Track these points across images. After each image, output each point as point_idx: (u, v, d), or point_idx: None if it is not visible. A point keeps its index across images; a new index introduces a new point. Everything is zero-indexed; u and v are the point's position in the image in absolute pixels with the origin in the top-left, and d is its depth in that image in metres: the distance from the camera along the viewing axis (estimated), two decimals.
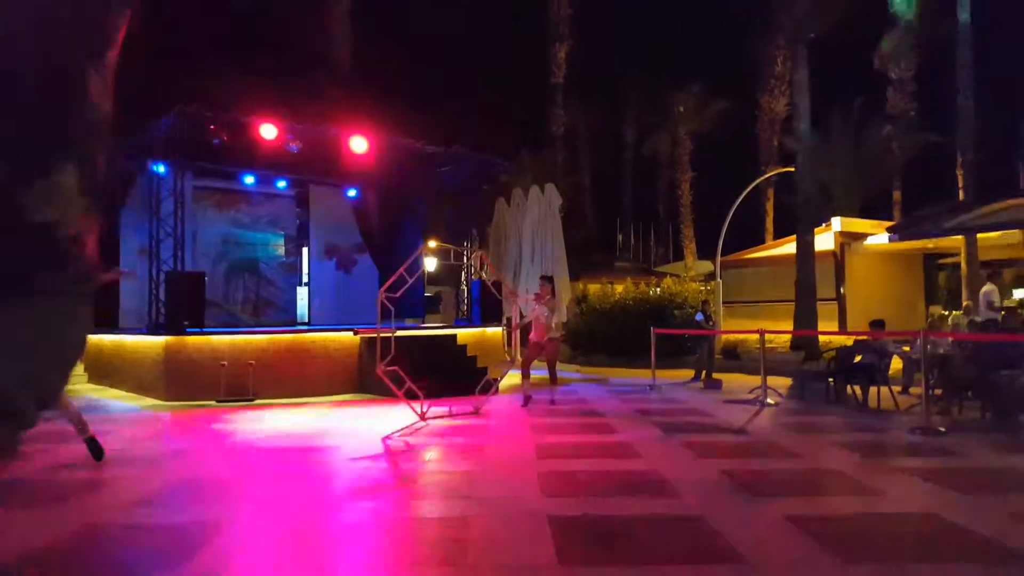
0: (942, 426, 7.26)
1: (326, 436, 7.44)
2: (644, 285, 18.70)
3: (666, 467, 5.56)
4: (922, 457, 6.06)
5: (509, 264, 14.54)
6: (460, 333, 12.55)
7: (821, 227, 19.50)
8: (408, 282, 9.62)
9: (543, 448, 6.52)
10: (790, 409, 9.12)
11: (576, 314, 17.57)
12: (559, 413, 8.87)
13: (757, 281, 21.66)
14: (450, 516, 4.42)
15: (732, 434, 7.27)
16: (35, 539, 3.92)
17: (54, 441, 6.57)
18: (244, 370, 10.25)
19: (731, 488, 4.92)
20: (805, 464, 5.83)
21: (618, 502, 4.59)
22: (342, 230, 15.68)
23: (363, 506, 4.68)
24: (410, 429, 7.70)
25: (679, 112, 31.67)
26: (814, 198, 17.98)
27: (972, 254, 16.83)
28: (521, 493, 4.86)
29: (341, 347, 11.23)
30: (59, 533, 4.04)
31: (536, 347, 9.81)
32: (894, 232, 18.41)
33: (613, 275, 24.99)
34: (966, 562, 3.48)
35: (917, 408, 8.19)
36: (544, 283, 9.90)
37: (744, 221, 23.88)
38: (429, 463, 6.10)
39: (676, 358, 14.63)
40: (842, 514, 4.31)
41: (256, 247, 14.89)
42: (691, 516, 4.23)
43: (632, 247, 34.84)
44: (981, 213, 16.48)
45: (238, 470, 5.78)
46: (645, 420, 8.23)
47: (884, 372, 9.26)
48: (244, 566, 3.51)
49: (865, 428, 7.67)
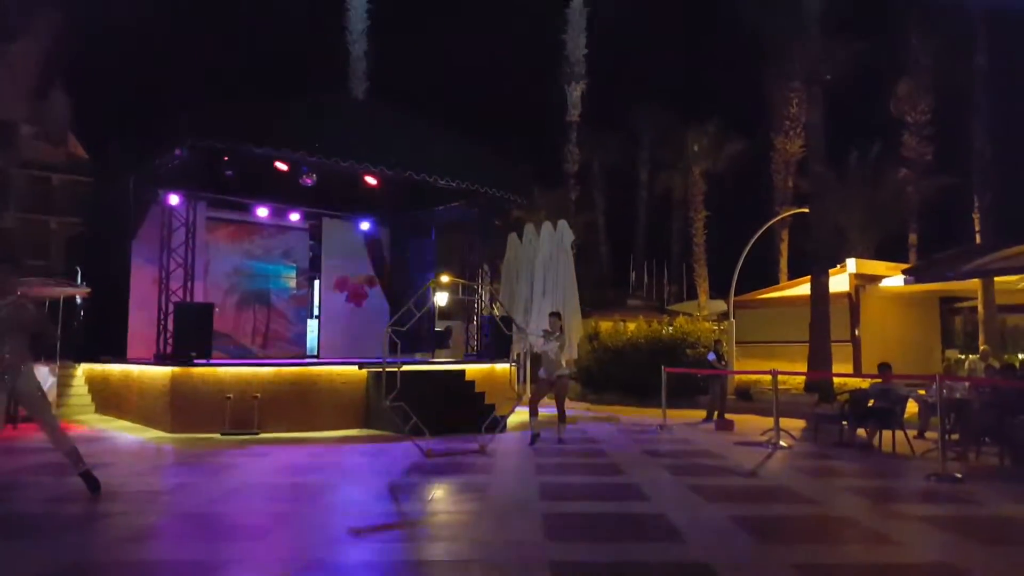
0: (958, 472, 7.04)
1: (328, 473, 7.33)
2: (656, 323, 18.54)
3: (674, 511, 5.40)
4: (937, 504, 5.88)
5: (520, 300, 14.48)
6: (469, 369, 12.44)
7: (836, 268, 19.34)
8: (416, 316, 9.59)
9: (548, 488, 6.38)
10: (803, 452, 8.91)
11: (587, 352, 17.42)
12: (566, 452, 8.71)
13: (771, 322, 21.44)
14: (450, 560, 4.29)
15: (743, 477, 7.10)
16: (24, 573, 3.84)
17: (53, 474, 6.52)
18: (249, 403, 10.18)
19: (740, 534, 4.76)
20: (817, 510, 5.66)
21: (623, 548, 4.45)
22: (354, 263, 15.72)
23: (362, 547, 4.57)
24: (414, 466, 7.57)
25: (693, 151, 31.78)
26: (829, 239, 17.88)
27: (989, 298, 16.58)
28: (524, 536, 4.73)
29: (347, 381, 11.16)
30: (48, 568, 3.96)
31: (545, 384, 9.69)
32: (910, 274, 18.21)
33: (625, 313, 24.80)
34: None
35: (933, 453, 7.96)
36: (554, 319, 9.82)
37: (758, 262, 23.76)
38: (431, 503, 5.98)
39: (688, 398, 14.41)
40: (853, 563, 4.16)
41: (268, 279, 14.95)
42: (698, 563, 4.09)
43: (645, 285, 34.67)
44: (999, 256, 16.28)
45: (236, 507, 5.69)
46: (654, 461, 8.06)
47: (899, 416, 9.05)
48: None
49: (879, 473, 7.47)
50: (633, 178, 35.59)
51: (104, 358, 12.73)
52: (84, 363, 13.43)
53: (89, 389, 13.35)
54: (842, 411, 9.81)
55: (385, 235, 16.16)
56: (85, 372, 13.49)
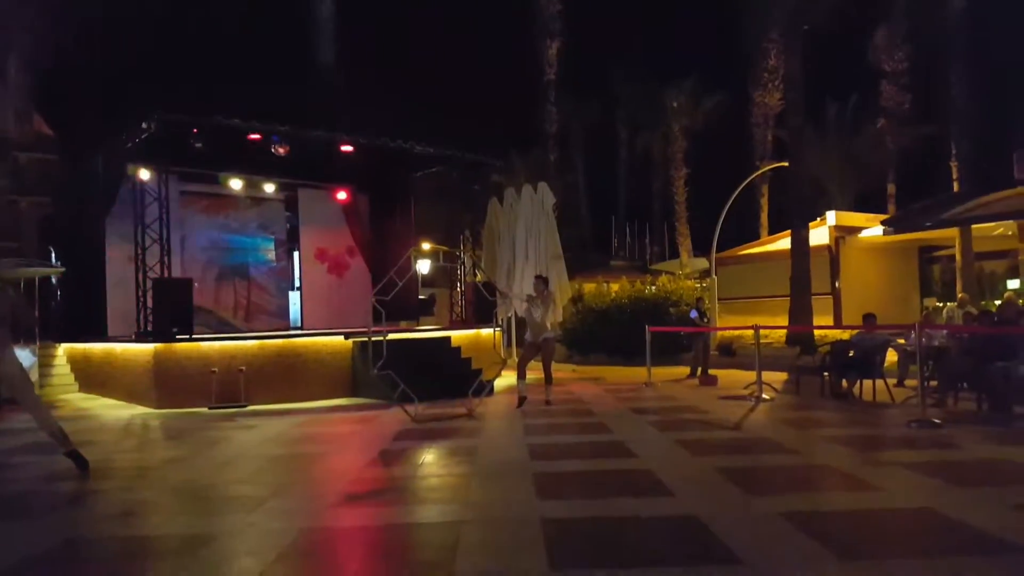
0: (937, 418, 7.20)
1: (318, 441, 7.35)
2: (640, 283, 18.62)
3: (661, 466, 5.48)
4: (917, 450, 6.01)
5: (503, 265, 14.44)
6: (454, 335, 12.46)
7: (816, 221, 19.45)
8: (399, 285, 9.55)
9: (537, 449, 6.44)
10: (785, 404, 9.06)
11: (572, 314, 17.49)
12: (554, 413, 8.79)
13: (752, 277, 21.59)
14: (443, 520, 4.33)
15: (727, 431, 7.21)
16: (14, 552, 3.83)
17: (42, 453, 6.48)
18: (235, 376, 10.15)
19: (727, 486, 4.85)
20: (801, 460, 5.77)
21: (612, 503, 4.51)
22: (333, 234, 15.55)
23: (355, 512, 4.60)
24: (403, 432, 7.61)
25: (672, 108, 31.60)
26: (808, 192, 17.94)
27: (967, 246, 16.80)
28: (515, 496, 4.78)
29: (333, 351, 11.14)
30: (39, 546, 3.95)
31: (531, 347, 9.72)
32: (889, 225, 18.39)
33: (608, 274, 24.87)
34: (962, 555, 3.41)
35: (913, 401, 8.13)
36: (539, 283, 9.82)
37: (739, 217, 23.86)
38: (422, 467, 6.02)
39: (672, 356, 14.56)
40: (837, 510, 4.25)
41: (246, 252, 14.78)
42: (686, 516, 4.16)
43: (627, 245, 34.75)
44: (976, 204, 16.48)
45: (228, 479, 5.69)
46: (640, 419, 8.16)
47: (879, 366, 9.20)
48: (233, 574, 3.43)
49: (860, 422, 7.62)
50: (612, 138, 35.39)
51: (85, 337, 12.60)
52: (64, 343, 13.29)
53: (71, 368, 13.24)
54: (823, 363, 9.97)
55: (363, 204, 15.97)
56: (66, 351, 13.36)
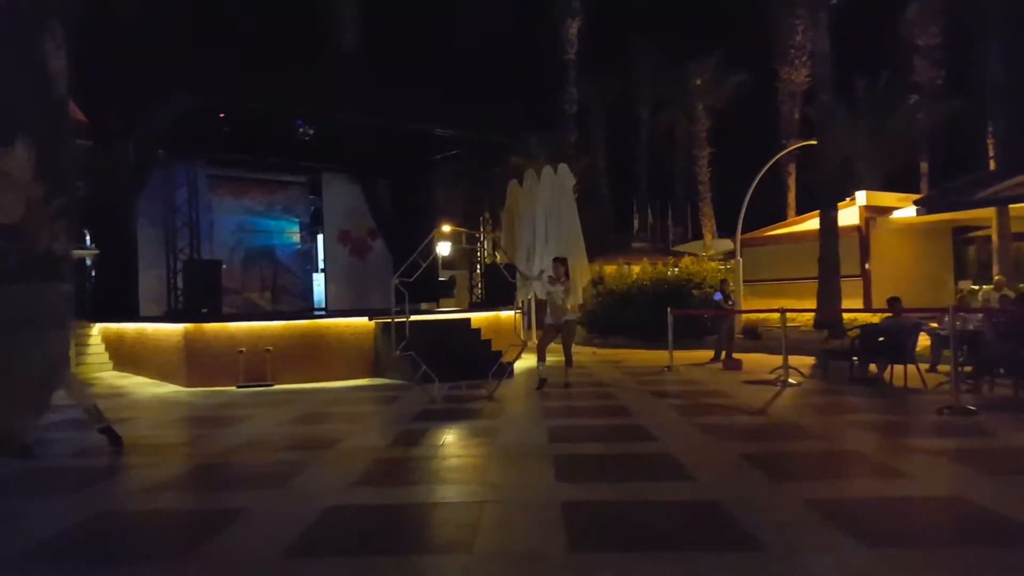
0: (972, 405, 7.03)
1: (341, 421, 7.41)
2: (661, 265, 18.45)
3: (682, 450, 5.43)
4: (950, 437, 5.87)
5: (523, 246, 14.38)
6: (474, 317, 12.47)
7: (845, 202, 19.07)
8: (422, 267, 9.57)
9: (557, 431, 6.42)
10: (812, 389, 8.93)
11: (593, 296, 17.40)
12: (574, 396, 8.76)
13: (779, 259, 21.28)
14: (463, 501, 4.34)
15: (751, 415, 7.12)
16: (51, 526, 3.90)
17: (75, 429, 6.61)
18: (262, 356, 10.29)
19: (749, 471, 4.79)
20: (827, 445, 5.68)
21: (632, 487, 4.48)
22: (355, 216, 15.61)
23: (376, 490, 4.62)
24: (424, 413, 7.64)
25: (696, 86, 31.03)
26: (838, 172, 17.57)
27: (1004, 226, 16.32)
28: (535, 478, 4.77)
29: (356, 333, 11.22)
30: (75, 520, 4.03)
31: (552, 330, 9.68)
32: (921, 205, 17.95)
33: (630, 256, 24.69)
34: (994, 546, 3.33)
35: (945, 387, 7.95)
36: (558, 265, 9.75)
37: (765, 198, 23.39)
38: (442, 447, 6.04)
39: (695, 339, 14.41)
40: (864, 497, 4.16)
41: (272, 235, 14.91)
42: (707, 501, 4.11)
43: (649, 227, 34.37)
44: (1014, 183, 15.98)
45: (255, 456, 5.75)
46: (661, 402, 8.10)
47: (911, 350, 8.99)
48: (260, 551, 3.46)
49: (890, 408, 7.48)
50: (634, 118, 34.85)
51: (118, 317, 12.85)
52: (99, 322, 13.58)
53: (106, 347, 13.55)
54: (852, 347, 9.77)
55: (385, 187, 15.99)
56: (101, 331, 13.66)
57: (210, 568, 3.31)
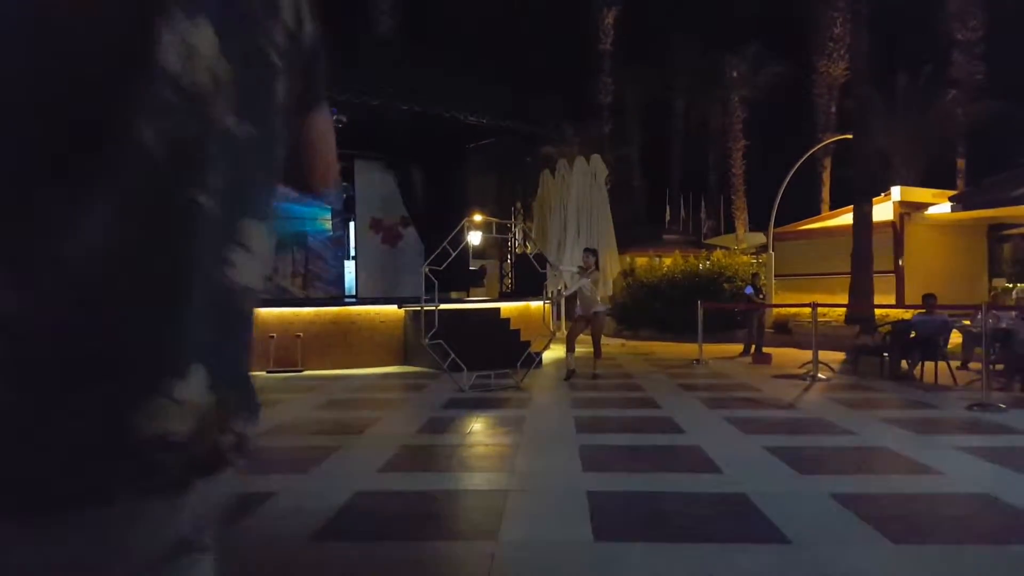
0: (1002, 403, 6.95)
1: (370, 407, 7.54)
2: (693, 258, 18.34)
3: (709, 443, 5.45)
4: (979, 435, 5.82)
5: (554, 237, 14.41)
6: (504, 307, 12.54)
7: (880, 197, 18.75)
8: (452, 255, 9.64)
9: (584, 422, 6.48)
10: (842, 384, 8.86)
11: (623, 288, 17.37)
12: (602, 387, 8.80)
13: (812, 253, 21.01)
14: (489, 488, 4.42)
15: (780, 409, 7.10)
16: None
17: None
18: (292, 342, 10.47)
19: (777, 465, 4.80)
20: (856, 441, 5.65)
21: (658, 478, 4.52)
22: (387, 204, 15.72)
23: (405, 476, 4.73)
24: (452, 401, 7.75)
25: (732, 78, 30.68)
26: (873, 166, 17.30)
27: None
28: (561, 467, 4.83)
29: (386, 320, 11.36)
30: None
31: (581, 321, 9.72)
32: (957, 201, 17.59)
33: (661, 248, 24.54)
34: (1022, 544, 3.32)
35: (976, 384, 7.85)
36: (588, 256, 9.78)
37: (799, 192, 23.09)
38: (470, 435, 6.13)
39: (725, 332, 14.35)
40: (892, 493, 4.16)
41: (304, 221, 15.10)
42: (734, 494, 4.14)
43: (681, 219, 34.11)
44: None
45: (283, 441, 5.90)
46: (690, 395, 8.11)
47: (943, 347, 8.90)
48: (287, 535, 3.58)
49: (920, 404, 7.40)
50: (668, 109, 34.56)
51: None
52: None
53: None
54: (884, 342, 9.68)
55: (418, 175, 16.06)
56: None
57: (237, 552, 3.41)
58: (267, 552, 3.38)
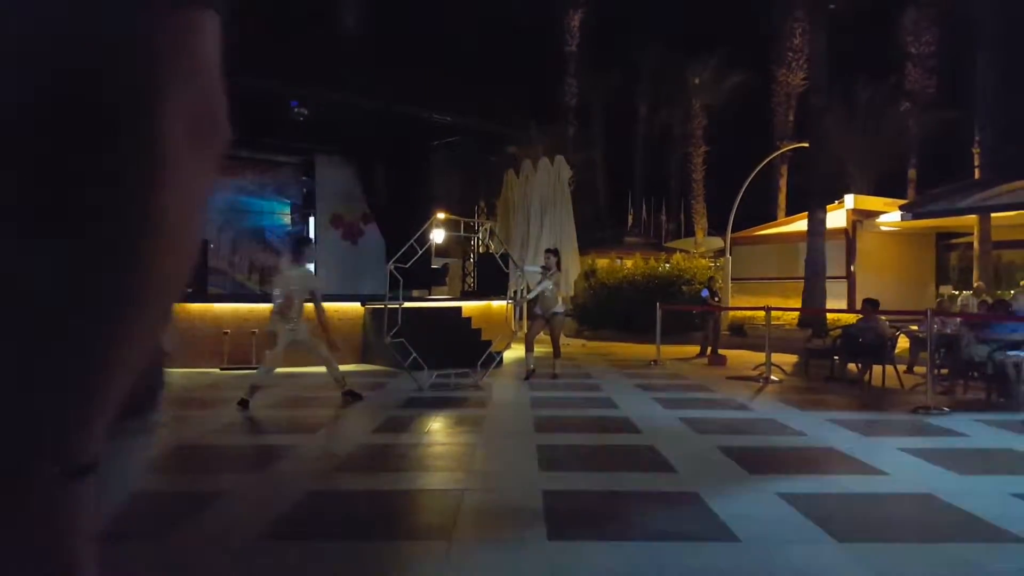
0: (946, 406, 7.19)
1: (326, 406, 7.45)
2: (653, 261, 18.59)
3: (665, 443, 5.53)
4: (924, 437, 6.01)
5: (517, 236, 14.43)
6: (466, 306, 12.51)
7: (833, 204, 19.25)
8: (419, 253, 9.59)
9: (542, 421, 6.50)
10: (793, 386, 9.07)
11: (584, 288, 17.49)
12: (560, 387, 8.85)
13: (767, 258, 21.49)
14: (445, 488, 4.41)
15: (733, 410, 7.24)
16: None
17: None
18: (247, 339, 10.28)
19: (729, 464, 4.89)
20: (804, 441, 5.79)
21: (614, 477, 4.57)
22: (348, 200, 15.54)
23: (360, 476, 4.68)
24: (412, 400, 7.70)
25: (694, 84, 31.15)
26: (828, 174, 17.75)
27: (985, 233, 16.60)
28: (518, 466, 4.84)
29: (344, 317, 11.22)
30: None
31: (540, 321, 9.76)
32: (907, 210, 18.18)
33: (623, 250, 24.80)
34: (961, 542, 3.44)
35: (921, 388, 8.11)
36: (549, 256, 9.82)
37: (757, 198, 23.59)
38: (428, 434, 6.10)
39: (683, 334, 14.55)
40: (837, 492, 4.28)
41: (262, 215, 14.86)
42: (687, 492, 4.20)
43: (643, 222, 34.50)
44: (997, 192, 16.22)
45: (235, 440, 5.80)
46: (647, 395, 8.20)
47: (890, 351, 9.17)
48: (237, 535, 3.52)
49: (867, 406, 7.62)
50: (632, 114, 34.92)
51: None
52: None
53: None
54: (833, 346, 9.94)
55: (380, 171, 15.93)
56: None
57: (186, 551, 3.35)
58: (216, 551, 3.32)
